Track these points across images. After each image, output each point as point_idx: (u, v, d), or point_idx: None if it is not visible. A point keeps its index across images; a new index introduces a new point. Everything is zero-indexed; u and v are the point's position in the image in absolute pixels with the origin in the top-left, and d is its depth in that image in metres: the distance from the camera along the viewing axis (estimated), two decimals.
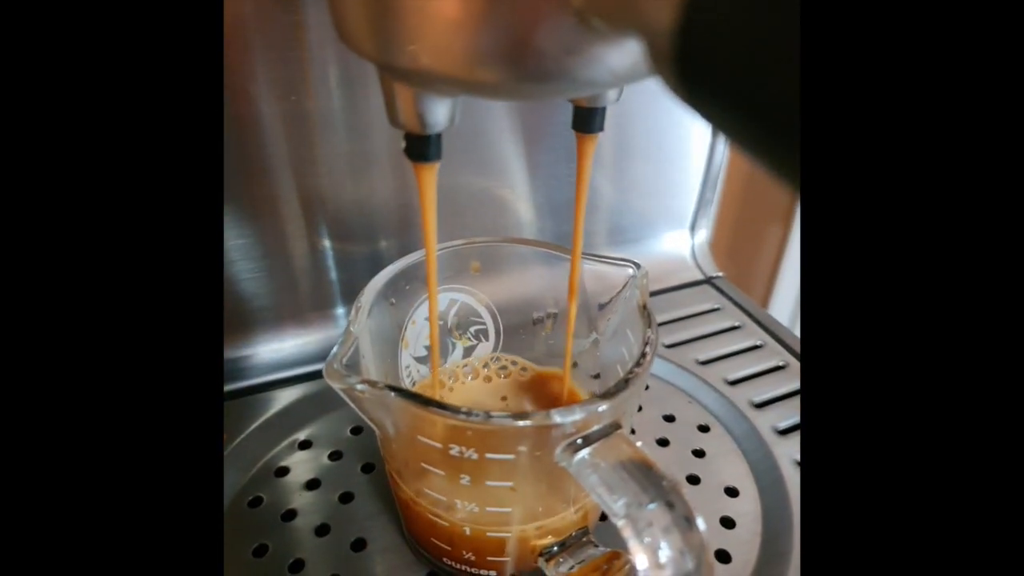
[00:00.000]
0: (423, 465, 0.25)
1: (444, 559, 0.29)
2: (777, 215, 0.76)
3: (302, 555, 0.31)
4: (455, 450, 0.23)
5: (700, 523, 0.21)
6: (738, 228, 0.76)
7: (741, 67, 0.11)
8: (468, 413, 0.21)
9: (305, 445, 0.37)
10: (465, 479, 0.24)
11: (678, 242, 0.54)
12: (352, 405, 0.24)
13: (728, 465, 0.37)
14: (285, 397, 0.40)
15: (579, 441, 0.22)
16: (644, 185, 0.50)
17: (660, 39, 0.12)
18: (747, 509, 0.34)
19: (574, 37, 0.16)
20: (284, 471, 0.35)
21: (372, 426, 0.25)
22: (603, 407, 0.22)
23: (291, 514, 0.33)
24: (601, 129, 0.24)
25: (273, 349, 0.42)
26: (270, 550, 0.31)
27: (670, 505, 0.21)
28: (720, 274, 0.53)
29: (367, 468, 0.36)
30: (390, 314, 0.30)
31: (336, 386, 0.23)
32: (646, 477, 0.21)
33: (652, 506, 0.21)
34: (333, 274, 0.43)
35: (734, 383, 0.42)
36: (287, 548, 0.31)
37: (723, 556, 0.32)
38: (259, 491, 0.34)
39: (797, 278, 0.78)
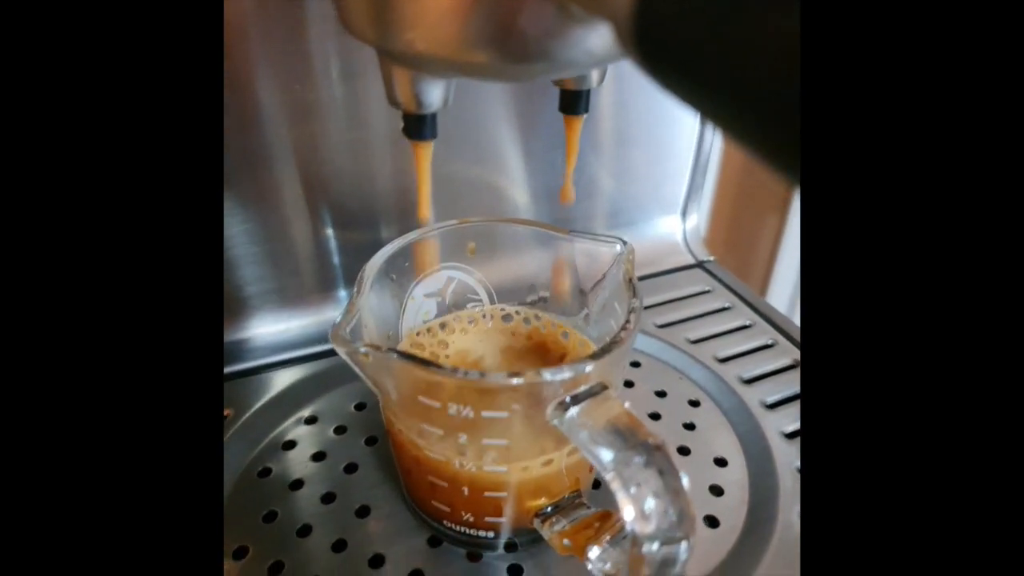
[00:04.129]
0: (423, 426, 0.26)
1: (444, 521, 0.30)
2: (774, 203, 0.77)
3: (309, 521, 0.32)
4: (453, 409, 0.24)
5: (684, 478, 0.22)
6: (736, 216, 0.78)
7: (692, 43, 0.12)
8: (465, 373, 0.23)
9: (311, 420, 0.39)
10: (463, 438, 0.26)
11: (670, 227, 0.55)
12: (356, 369, 0.25)
13: (717, 437, 0.38)
14: (291, 375, 0.41)
15: (568, 399, 0.24)
16: (637, 171, 0.51)
17: (623, 22, 0.13)
18: (735, 478, 0.36)
19: (554, 22, 0.17)
20: (291, 444, 0.37)
21: (375, 390, 0.27)
22: (590, 367, 0.24)
23: (298, 483, 0.35)
24: (586, 111, 0.26)
25: (280, 330, 0.44)
26: (279, 516, 0.33)
27: (655, 461, 0.22)
28: (711, 258, 0.54)
29: (370, 441, 0.37)
30: (391, 289, 0.32)
31: (341, 350, 0.24)
32: (632, 434, 0.23)
33: (638, 460, 0.22)
34: (336, 258, 0.44)
35: (724, 360, 0.44)
36: (295, 514, 0.33)
37: (712, 521, 0.33)
38: (268, 463, 0.36)
39: (794, 265, 0.79)
